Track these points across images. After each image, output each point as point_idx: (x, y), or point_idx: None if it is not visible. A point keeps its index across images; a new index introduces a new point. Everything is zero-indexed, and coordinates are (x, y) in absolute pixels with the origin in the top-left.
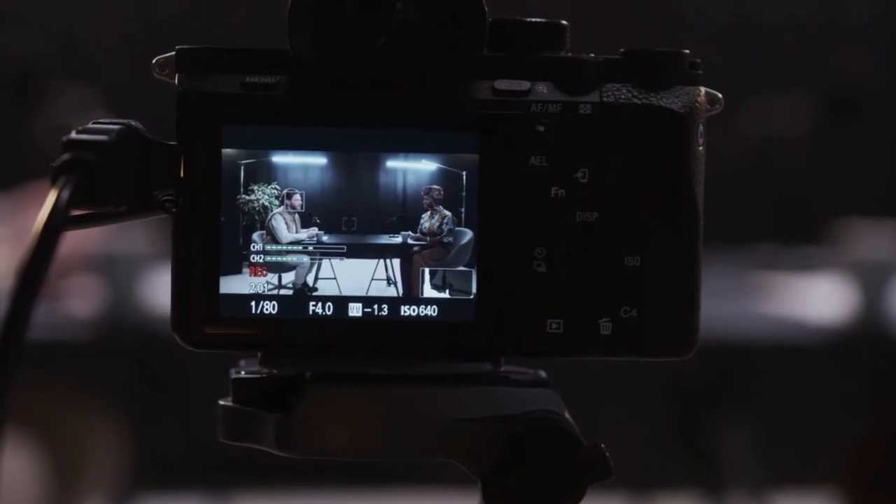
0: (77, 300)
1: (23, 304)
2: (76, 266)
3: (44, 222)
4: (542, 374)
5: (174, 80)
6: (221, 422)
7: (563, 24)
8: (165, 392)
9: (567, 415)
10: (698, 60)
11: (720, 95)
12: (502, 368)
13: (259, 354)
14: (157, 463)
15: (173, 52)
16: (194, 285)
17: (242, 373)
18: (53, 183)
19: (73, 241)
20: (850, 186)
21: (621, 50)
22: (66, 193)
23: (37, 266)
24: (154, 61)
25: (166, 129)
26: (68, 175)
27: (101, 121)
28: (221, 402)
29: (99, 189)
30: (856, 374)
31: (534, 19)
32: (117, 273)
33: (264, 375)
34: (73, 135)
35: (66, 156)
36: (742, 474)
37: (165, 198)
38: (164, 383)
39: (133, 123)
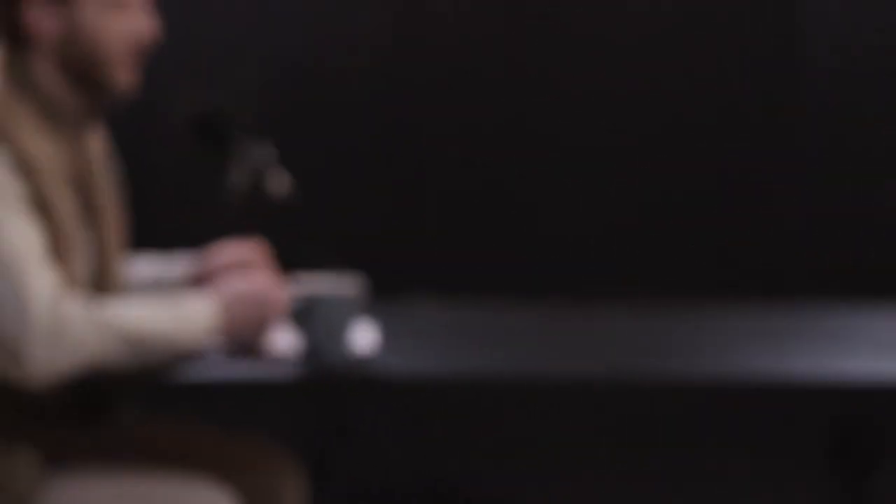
0: (279, 341)
1: None
2: (281, 307)
3: None
4: None
5: None
6: None
7: None
8: (355, 435)
9: None
10: None
11: None
12: None
13: None
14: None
15: None
16: None
17: None
18: None
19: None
20: None
21: None
22: None
23: None
24: None
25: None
26: None
27: None
28: None
29: None
30: None
31: None
32: (321, 316)
33: None
34: None
35: None
36: None
37: None
38: (354, 427)
39: None
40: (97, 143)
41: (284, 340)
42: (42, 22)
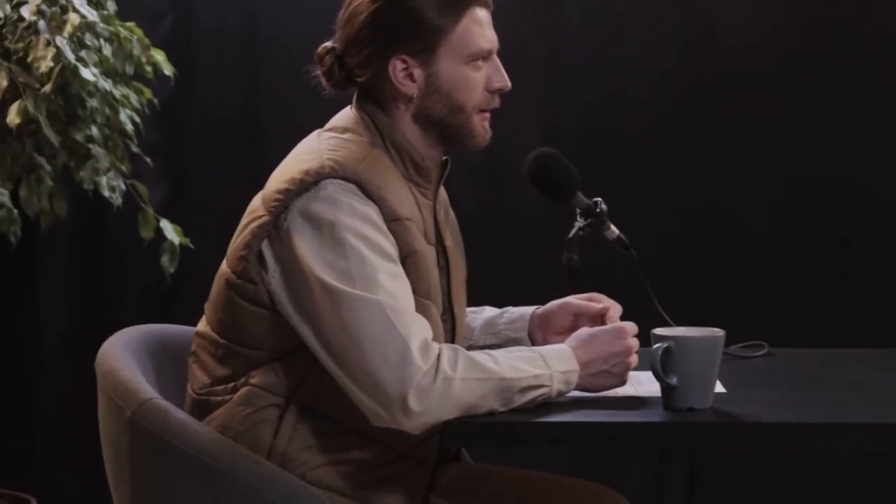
0: (635, 384)
1: None
2: (633, 349)
3: None
4: None
5: None
6: None
7: None
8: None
9: None
10: None
11: None
12: None
13: None
14: None
15: None
16: None
17: None
18: None
19: None
20: None
21: None
22: None
23: None
24: None
25: None
26: None
27: None
28: None
29: None
30: None
31: None
32: (687, 357)
33: None
34: None
35: None
36: None
37: None
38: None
39: None
40: (442, 191)
41: (641, 383)
42: (405, 78)
